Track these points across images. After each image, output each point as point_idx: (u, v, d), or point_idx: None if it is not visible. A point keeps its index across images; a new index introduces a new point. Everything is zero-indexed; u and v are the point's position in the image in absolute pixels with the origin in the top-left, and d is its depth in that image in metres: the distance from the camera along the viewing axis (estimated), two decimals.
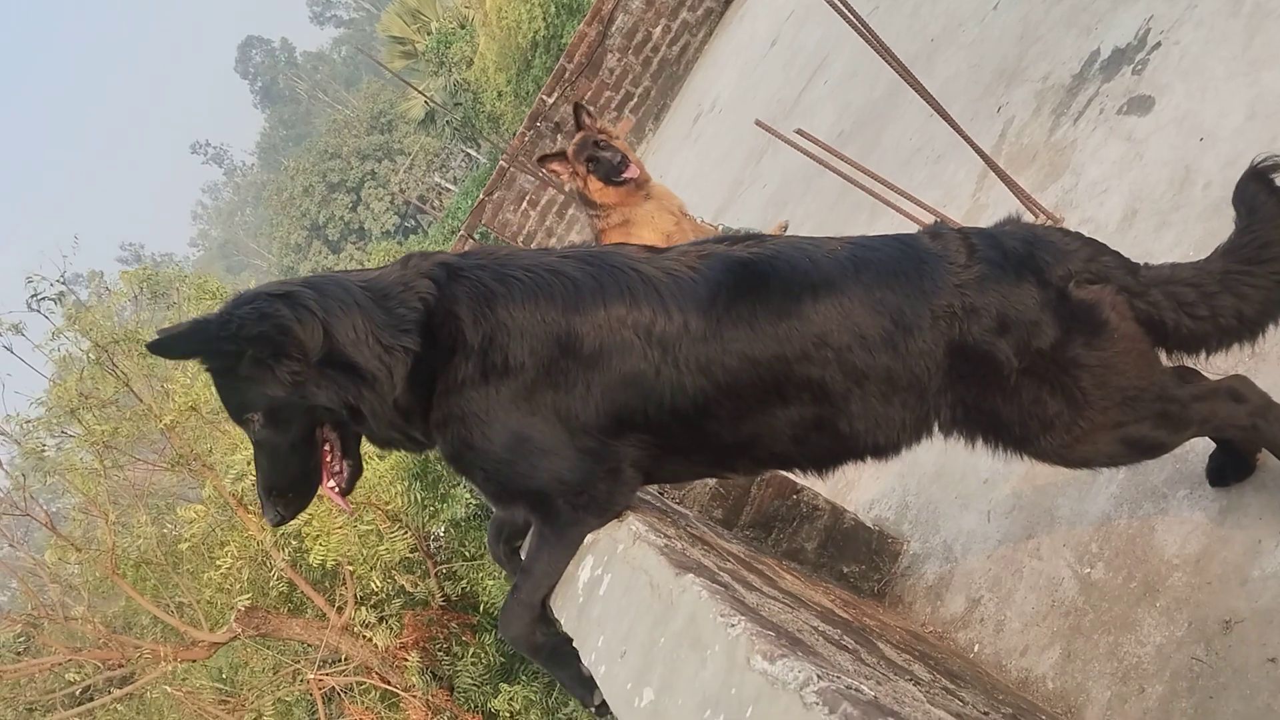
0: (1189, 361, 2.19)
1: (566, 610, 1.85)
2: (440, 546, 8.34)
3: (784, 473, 2.17)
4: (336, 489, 2.07)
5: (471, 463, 1.96)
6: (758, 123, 3.38)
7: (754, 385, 1.94)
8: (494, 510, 2.22)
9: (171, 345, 1.96)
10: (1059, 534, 2.76)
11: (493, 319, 1.93)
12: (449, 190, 33.95)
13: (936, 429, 2.08)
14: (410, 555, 6.47)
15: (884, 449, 2.08)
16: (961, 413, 2.05)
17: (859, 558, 3.26)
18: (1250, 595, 2.17)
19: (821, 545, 3.19)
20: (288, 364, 1.87)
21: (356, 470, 2.10)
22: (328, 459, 2.06)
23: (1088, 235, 2.15)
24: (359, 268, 2.25)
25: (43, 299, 7.80)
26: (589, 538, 1.91)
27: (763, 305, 1.94)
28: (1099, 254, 2.08)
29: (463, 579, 8.09)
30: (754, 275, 1.98)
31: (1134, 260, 2.14)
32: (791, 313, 1.94)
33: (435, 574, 7.77)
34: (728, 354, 1.93)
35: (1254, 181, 2.14)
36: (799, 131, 3.17)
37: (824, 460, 2.13)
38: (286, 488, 2.06)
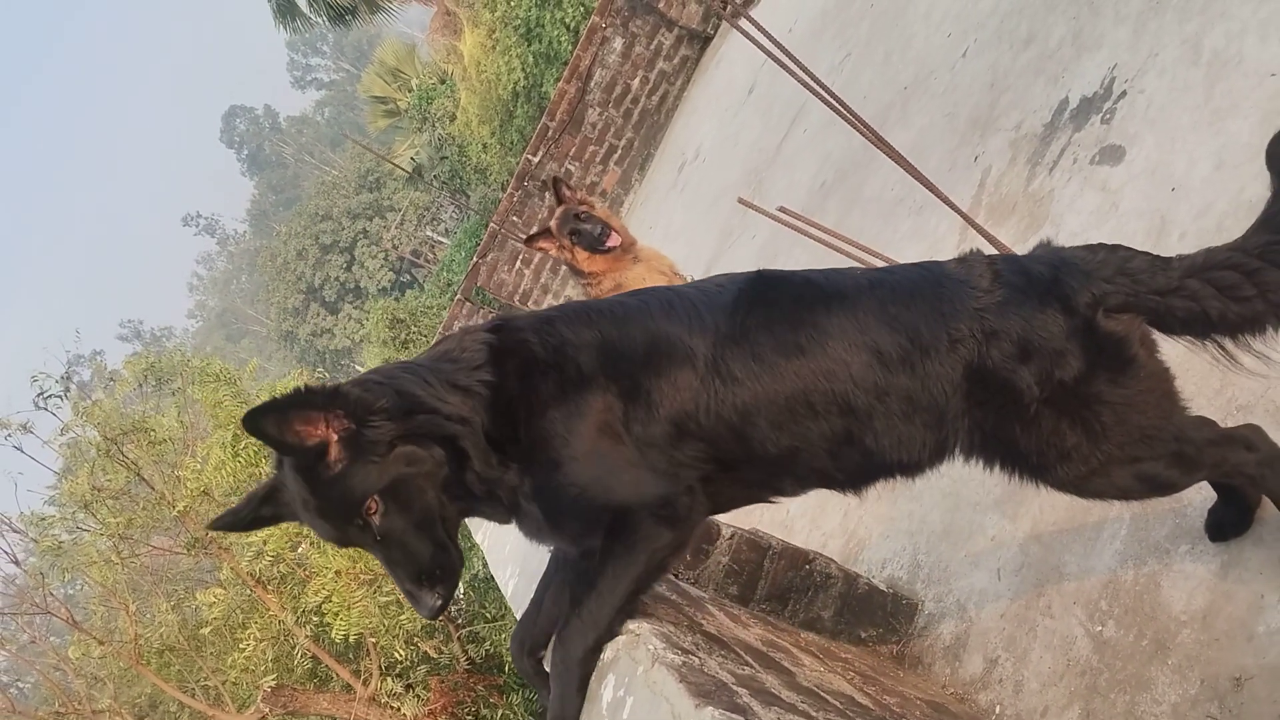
0: (1255, 343, 2.07)
1: None
2: (461, 610, 8.37)
3: (826, 490, 2.20)
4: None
5: (559, 485, 1.95)
6: (741, 200, 3.46)
7: (784, 389, 1.99)
8: (563, 549, 2.16)
9: (272, 408, 1.82)
10: (1068, 591, 2.81)
11: (557, 335, 2.01)
12: (441, 243, 34.13)
13: (957, 452, 2.11)
14: (432, 622, 6.49)
15: (909, 467, 2.11)
16: (979, 438, 2.07)
17: (875, 621, 3.31)
18: (1258, 651, 2.22)
19: (838, 613, 3.24)
20: (374, 427, 1.86)
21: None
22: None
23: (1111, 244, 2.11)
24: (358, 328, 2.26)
25: (49, 396, 7.90)
26: (608, 653, 1.95)
27: (778, 311, 2.03)
28: (1126, 261, 2.04)
29: (485, 640, 8.11)
30: (770, 284, 2.09)
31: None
32: (806, 321, 2.01)
33: (458, 638, 7.80)
34: (755, 357, 1.99)
35: None
36: (782, 209, 3.25)
37: (858, 476, 2.15)
38: (432, 566, 1.94)
